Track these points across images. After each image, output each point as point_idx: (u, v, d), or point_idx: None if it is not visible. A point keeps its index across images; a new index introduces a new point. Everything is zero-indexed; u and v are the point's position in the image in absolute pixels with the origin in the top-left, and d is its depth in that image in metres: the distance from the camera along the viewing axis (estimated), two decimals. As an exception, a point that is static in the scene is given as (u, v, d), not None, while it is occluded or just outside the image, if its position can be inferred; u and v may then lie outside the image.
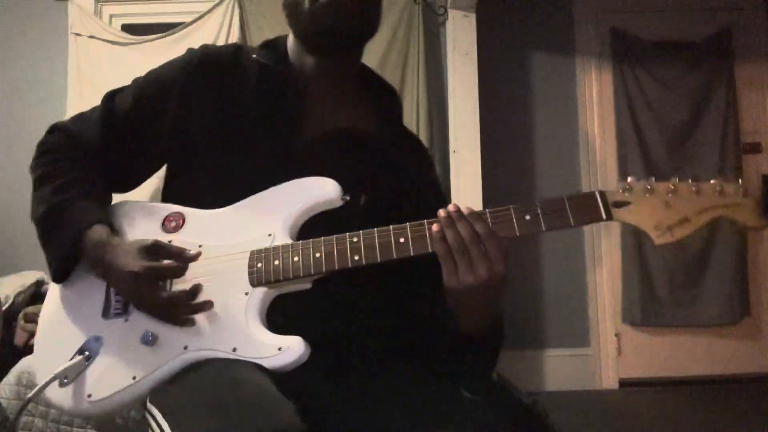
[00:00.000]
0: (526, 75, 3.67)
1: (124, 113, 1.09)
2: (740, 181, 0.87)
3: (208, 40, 3.31)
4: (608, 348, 3.52)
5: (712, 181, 0.87)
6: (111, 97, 1.12)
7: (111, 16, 3.58)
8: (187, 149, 1.06)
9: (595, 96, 3.66)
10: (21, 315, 2.63)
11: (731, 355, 3.51)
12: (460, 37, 3.34)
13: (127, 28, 3.53)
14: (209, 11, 3.40)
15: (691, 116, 3.59)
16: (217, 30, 3.35)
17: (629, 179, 0.89)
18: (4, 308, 2.54)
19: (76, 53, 3.37)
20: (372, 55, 3.31)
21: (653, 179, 0.88)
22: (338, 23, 1.01)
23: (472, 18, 3.34)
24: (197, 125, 1.05)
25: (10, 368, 1.87)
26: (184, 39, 3.36)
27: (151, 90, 1.09)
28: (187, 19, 3.42)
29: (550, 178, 3.57)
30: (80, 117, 1.13)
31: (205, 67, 1.08)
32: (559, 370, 3.47)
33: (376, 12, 1.09)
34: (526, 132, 3.63)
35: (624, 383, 3.48)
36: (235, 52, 1.12)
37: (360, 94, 1.14)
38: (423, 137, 3.28)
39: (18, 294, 2.69)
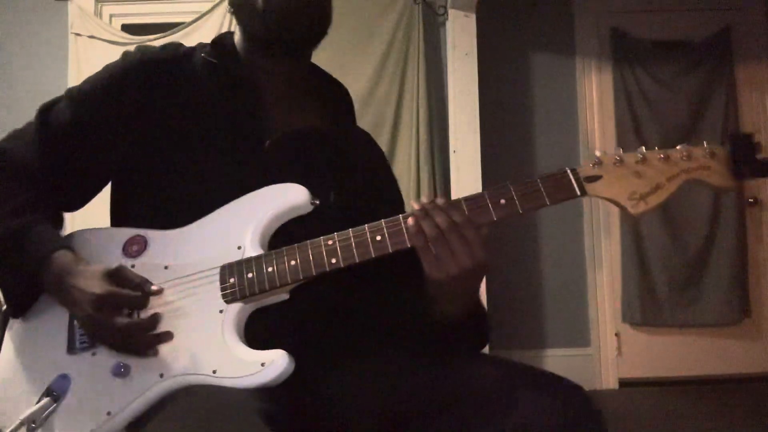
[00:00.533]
0: (526, 75, 3.67)
1: (63, 128, 1.01)
2: (705, 144, 0.88)
3: (208, 41, 3.31)
4: (608, 348, 3.52)
5: (678, 147, 0.88)
6: (45, 111, 1.03)
7: (111, 16, 3.58)
8: (142, 156, 1.00)
9: (595, 96, 3.66)
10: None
11: (731, 355, 3.51)
12: (460, 37, 3.34)
13: (127, 28, 3.53)
14: (209, 11, 3.40)
15: (691, 116, 3.60)
16: (217, 30, 3.35)
17: (598, 153, 0.89)
18: (4, 308, 2.54)
19: (76, 53, 3.37)
20: (372, 56, 3.31)
21: (621, 150, 0.89)
22: (291, 28, 1.00)
23: (472, 18, 3.34)
24: (150, 129, 0.99)
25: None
26: (184, 39, 3.36)
27: (92, 100, 1.02)
28: (187, 19, 3.42)
29: (550, 178, 3.57)
30: (15, 135, 1.04)
31: (147, 68, 1.03)
32: (559, 370, 3.42)
33: (328, 14, 1.06)
34: (526, 132, 3.64)
35: (624, 383, 3.48)
36: (176, 50, 1.07)
37: (313, 93, 1.12)
38: (423, 137, 3.29)
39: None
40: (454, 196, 3.22)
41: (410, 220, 0.87)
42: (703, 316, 3.50)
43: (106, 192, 1.09)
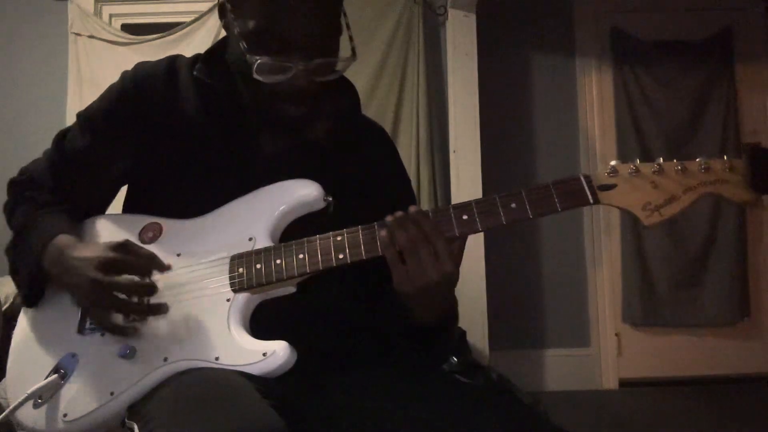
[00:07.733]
0: (526, 75, 3.67)
1: (71, 152, 1.08)
2: (725, 157, 0.86)
3: (208, 40, 3.31)
4: (608, 348, 3.52)
5: (697, 159, 0.87)
6: (61, 137, 1.11)
7: (111, 16, 3.57)
8: (148, 171, 1.04)
9: (595, 96, 3.66)
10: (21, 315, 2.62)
11: (731, 355, 3.50)
12: (460, 37, 3.33)
13: (127, 28, 3.52)
14: (209, 11, 3.39)
15: (691, 116, 3.59)
16: (217, 30, 3.34)
17: (614, 162, 0.88)
18: (4, 308, 2.54)
19: (76, 53, 3.36)
20: (372, 55, 3.30)
21: (638, 161, 0.88)
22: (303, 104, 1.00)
23: (472, 18, 3.34)
24: (151, 148, 1.03)
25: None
26: (184, 39, 3.36)
27: (94, 124, 1.08)
28: (187, 19, 3.42)
29: (551, 178, 3.55)
30: (39, 158, 1.14)
31: (139, 85, 1.06)
32: (559, 370, 3.47)
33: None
34: (526, 132, 3.63)
35: (624, 383, 3.48)
36: (169, 66, 1.09)
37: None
38: (423, 137, 3.28)
39: (18, 294, 2.68)
40: (454, 196, 3.22)
41: (382, 232, 0.88)
42: (703, 316, 3.49)
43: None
